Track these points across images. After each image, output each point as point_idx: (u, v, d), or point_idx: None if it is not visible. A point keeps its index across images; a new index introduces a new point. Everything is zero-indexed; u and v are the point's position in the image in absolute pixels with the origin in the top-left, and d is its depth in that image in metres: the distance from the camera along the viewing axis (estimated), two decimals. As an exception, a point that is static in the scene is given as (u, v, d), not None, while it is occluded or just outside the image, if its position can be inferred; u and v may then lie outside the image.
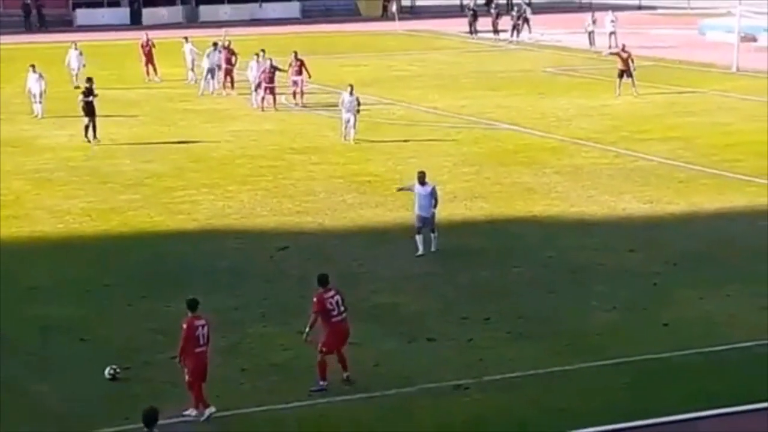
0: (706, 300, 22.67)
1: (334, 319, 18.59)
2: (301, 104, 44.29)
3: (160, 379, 19.06)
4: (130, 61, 54.91)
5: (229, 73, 47.37)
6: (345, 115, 36.91)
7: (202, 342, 17.60)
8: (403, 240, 26.72)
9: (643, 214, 28.83)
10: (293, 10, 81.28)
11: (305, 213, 29.05)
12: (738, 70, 52.66)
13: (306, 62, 45.12)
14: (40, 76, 42.57)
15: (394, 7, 77.27)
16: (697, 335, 20.78)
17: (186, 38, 50.95)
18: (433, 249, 25.47)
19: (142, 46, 51.29)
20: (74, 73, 48.60)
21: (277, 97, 43.46)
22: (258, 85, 43.71)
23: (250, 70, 44.85)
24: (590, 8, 73.71)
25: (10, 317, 21.82)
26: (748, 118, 41.23)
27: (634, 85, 45.85)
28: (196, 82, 49.03)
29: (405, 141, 37.22)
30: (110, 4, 77.68)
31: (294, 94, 44.82)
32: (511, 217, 28.63)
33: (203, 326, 17.66)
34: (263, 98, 43.15)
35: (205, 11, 78.77)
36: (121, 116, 42.40)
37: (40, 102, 42.22)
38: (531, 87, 48.96)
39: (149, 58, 51.04)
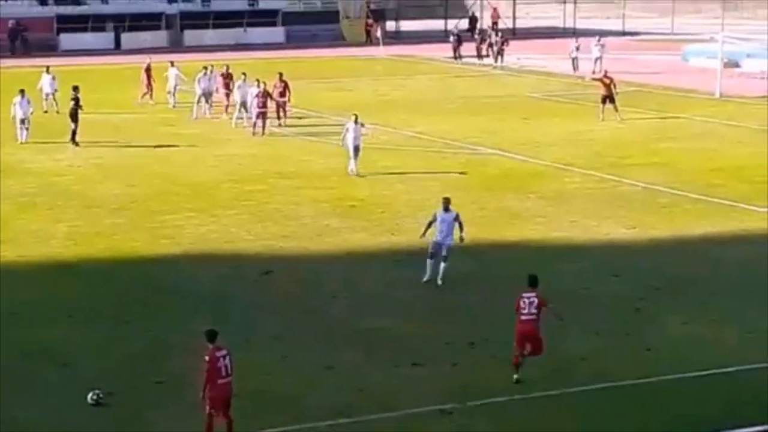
0: (689, 325, 22.74)
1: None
2: (284, 125, 44.46)
3: (143, 404, 19.01)
4: (115, 85, 54.95)
5: (228, 97, 47.47)
6: (353, 145, 35.73)
7: (224, 373, 17.32)
8: (388, 264, 26.78)
9: (627, 239, 28.92)
10: (278, 35, 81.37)
11: (290, 237, 29.06)
12: (721, 95, 52.91)
13: (289, 85, 45.27)
14: (28, 101, 42.56)
15: (378, 33, 77.41)
16: (680, 360, 20.83)
17: (172, 63, 51.02)
18: (439, 281, 25.02)
19: (146, 70, 51.36)
20: (46, 98, 48.46)
21: (264, 121, 43.42)
22: (242, 106, 44.40)
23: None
24: (574, 34, 73.99)
25: (-6, 342, 21.76)
26: (731, 144, 41.45)
27: (617, 110, 46.05)
28: (174, 106, 49.18)
29: (390, 165, 37.27)
30: (94, 29, 77.66)
31: (278, 115, 44.99)
32: (496, 241, 28.68)
33: (225, 357, 17.39)
34: (255, 123, 43.13)
35: (190, 36, 78.78)
36: (105, 140, 42.37)
37: (27, 128, 42.15)
38: (515, 112, 49.11)
39: (149, 82, 51.11)
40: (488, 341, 21.85)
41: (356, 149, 35.93)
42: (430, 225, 25.65)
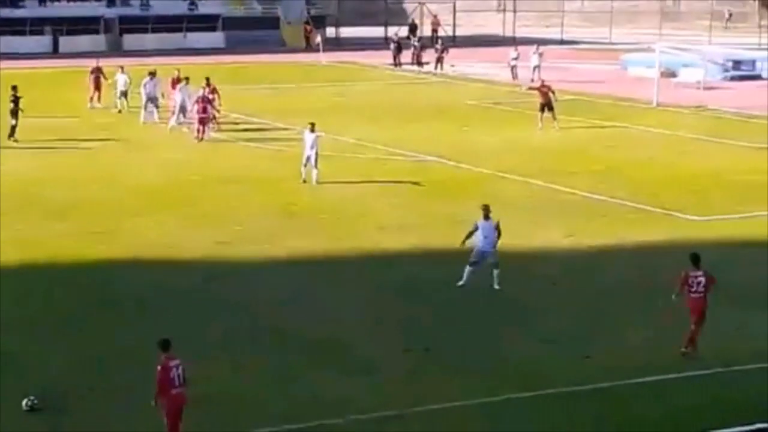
0: (629, 332, 22.97)
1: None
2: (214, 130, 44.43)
3: (77, 410, 18.92)
4: (54, 89, 54.59)
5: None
6: (306, 153, 35.62)
7: (177, 383, 17.22)
8: (331, 269, 26.83)
9: (565, 247, 29.16)
10: (217, 40, 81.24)
11: (231, 243, 29.03)
12: (658, 104, 53.49)
13: (218, 90, 44.95)
14: None
15: (318, 39, 77.46)
16: (618, 367, 21.04)
17: (122, 67, 50.51)
18: (496, 286, 25.24)
19: (92, 71, 51.11)
20: None
21: (205, 126, 43.24)
22: (181, 111, 44.32)
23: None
24: (514, 42, 74.48)
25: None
26: (668, 153, 41.90)
27: (555, 118, 46.42)
28: (121, 111, 48.98)
29: (331, 171, 37.30)
30: (32, 33, 77.08)
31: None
32: (438, 247, 28.78)
33: (177, 366, 17.28)
34: (198, 129, 42.90)
35: (129, 40, 78.46)
36: (47, 144, 42.09)
37: None
38: (455, 119, 49.33)
39: (97, 84, 50.82)
40: (433, 349, 21.94)
41: (312, 158, 35.56)
42: (470, 234, 25.71)
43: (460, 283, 25.35)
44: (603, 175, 37.68)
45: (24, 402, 18.84)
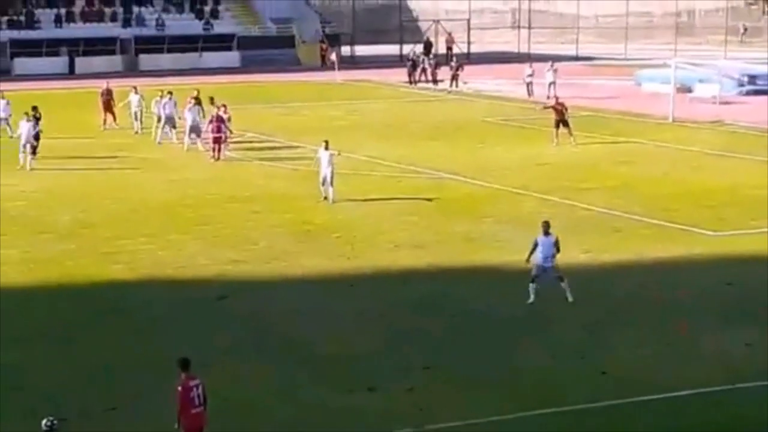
0: (643, 348, 22.82)
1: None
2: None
3: (95, 430, 18.86)
4: (71, 110, 54.69)
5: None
6: (323, 172, 35.48)
7: (197, 403, 17.10)
8: (344, 289, 26.74)
9: (582, 263, 29.01)
10: (233, 59, 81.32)
11: (245, 262, 28.98)
12: (674, 120, 53.30)
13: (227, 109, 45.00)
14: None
15: (333, 57, 77.51)
16: (634, 383, 20.90)
17: (135, 88, 50.55)
18: (569, 299, 25.36)
19: (102, 94, 50.89)
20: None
21: (221, 146, 43.20)
22: (192, 130, 44.35)
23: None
24: (528, 59, 74.41)
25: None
26: (684, 168, 41.72)
27: (571, 134, 46.30)
28: (138, 132, 48.96)
29: (345, 190, 37.24)
30: (48, 54, 77.32)
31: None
32: (452, 265, 28.71)
33: (197, 386, 17.15)
34: (214, 148, 42.89)
35: (145, 60, 78.62)
36: (60, 165, 42.15)
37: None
38: (470, 137, 49.25)
39: (107, 106, 50.63)
40: (444, 365, 21.85)
41: (328, 176, 35.42)
42: (533, 250, 25.77)
43: (529, 300, 25.35)
44: (619, 190, 37.53)
45: (43, 422, 18.73)
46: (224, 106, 44.13)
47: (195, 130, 44.78)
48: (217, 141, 42.84)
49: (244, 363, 21.96)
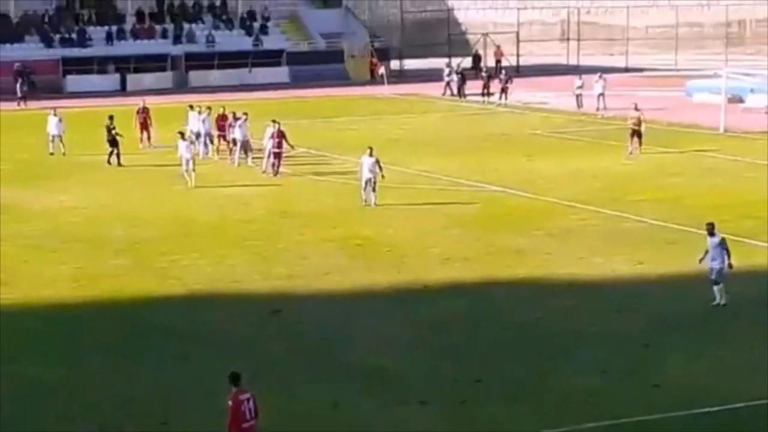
0: (696, 362, 22.67)
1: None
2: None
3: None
4: (120, 127, 54.97)
5: (221, 139, 47.48)
6: (365, 176, 36.80)
7: (249, 416, 17.10)
8: (394, 302, 26.75)
9: (633, 276, 28.88)
10: (282, 75, 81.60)
11: (296, 277, 29.06)
12: (725, 131, 52.93)
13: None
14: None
15: (382, 71, 77.61)
16: (688, 397, 20.76)
17: (191, 106, 50.44)
18: (722, 302, 25.94)
19: (138, 112, 50.86)
20: (52, 139, 48.51)
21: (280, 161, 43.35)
22: (243, 146, 44.47)
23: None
24: (578, 71, 74.16)
25: None
26: (735, 179, 41.43)
27: (640, 145, 46.61)
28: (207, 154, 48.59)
29: (395, 203, 37.30)
30: (100, 71, 77.94)
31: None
32: (501, 279, 28.66)
33: (248, 400, 17.17)
34: (273, 164, 43.05)
35: (195, 77, 79.07)
36: (110, 182, 42.50)
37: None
38: (519, 149, 49.15)
39: (144, 125, 50.66)
40: (495, 379, 21.80)
41: (370, 182, 36.79)
42: (705, 254, 26.42)
43: (722, 302, 25.93)
44: (670, 202, 37.31)
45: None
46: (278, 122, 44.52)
47: (245, 146, 45.00)
48: (277, 156, 43.01)
49: (297, 377, 22.01)
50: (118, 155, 45.50)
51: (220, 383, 20.11)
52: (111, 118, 46.33)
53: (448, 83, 72.14)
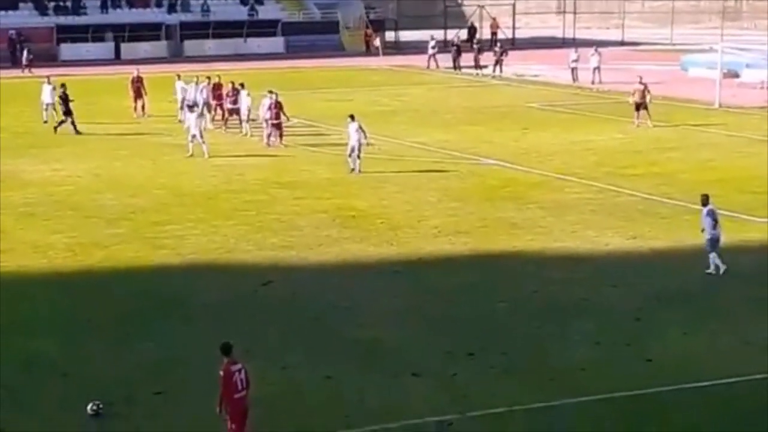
0: (689, 335, 22.72)
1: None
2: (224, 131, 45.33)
3: (140, 415, 19.00)
4: (114, 96, 54.94)
5: (217, 108, 47.50)
6: (352, 143, 37.68)
7: (240, 387, 17.10)
8: (387, 274, 26.77)
9: (626, 250, 28.90)
10: (277, 45, 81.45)
11: (289, 248, 29.05)
12: (720, 106, 52.93)
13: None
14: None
15: (377, 42, 77.43)
16: (681, 371, 20.79)
17: (178, 75, 50.52)
18: (713, 271, 26.48)
19: (133, 81, 50.83)
20: (46, 108, 48.47)
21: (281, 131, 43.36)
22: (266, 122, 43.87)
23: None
24: (573, 44, 74.07)
25: (-7, 352, 21.73)
26: (730, 154, 41.44)
27: (649, 118, 46.97)
28: (181, 121, 48.96)
29: (389, 175, 37.28)
30: (94, 39, 77.74)
31: (225, 120, 46.69)
32: (495, 252, 28.67)
33: (240, 371, 17.16)
34: (270, 134, 43.01)
35: (190, 46, 78.89)
36: (104, 151, 42.44)
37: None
38: (514, 122, 49.14)
39: (138, 94, 50.62)
40: (488, 352, 21.83)
41: (356, 148, 37.50)
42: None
43: (713, 271, 26.39)
44: (664, 177, 37.32)
45: (89, 406, 18.91)
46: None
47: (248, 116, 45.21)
48: (277, 126, 42.96)
49: (288, 348, 22.03)
50: (73, 123, 45.43)
51: (214, 353, 20.18)
52: (64, 86, 46.31)
53: (432, 56, 71.94)
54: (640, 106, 47.15)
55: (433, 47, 72.26)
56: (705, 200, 27.01)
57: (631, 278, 26.54)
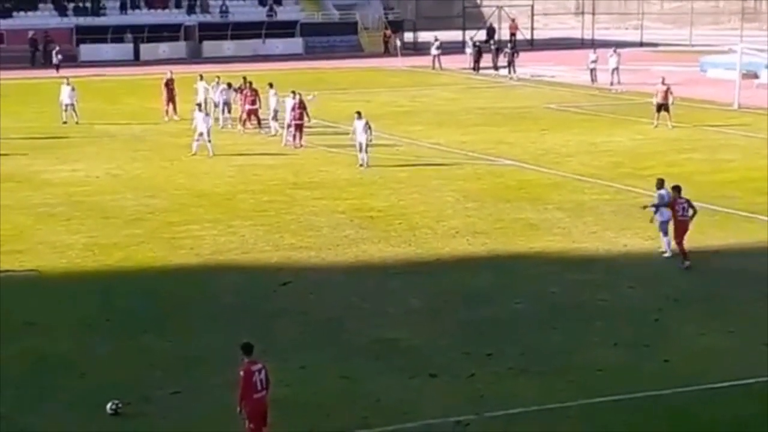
0: (707, 336, 22.67)
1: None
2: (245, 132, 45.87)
3: (158, 415, 19.05)
4: (135, 96, 55.11)
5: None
6: (358, 139, 38.56)
7: (260, 387, 17.08)
8: (406, 274, 26.78)
9: (645, 250, 28.86)
10: (296, 46, 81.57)
11: (308, 248, 29.08)
12: (739, 107, 52.79)
13: (260, 93, 46.00)
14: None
15: (396, 43, 77.47)
16: (698, 372, 20.76)
17: (201, 76, 50.50)
18: (661, 250, 27.77)
19: (166, 83, 50.40)
20: (65, 108, 48.59)
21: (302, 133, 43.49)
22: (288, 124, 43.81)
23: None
24: (592, 45, 73.96)
25: (9, 351, 21.80)
26: (748, 155, 41.33)
27: (670, 119, 46.87)
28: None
29: (408, 176, 37.32)
30: (114, 40, 77.97)
31: (243, 122, 46.92)
32: (513, 252, 28.66)
33: (260, 371, 17.13)
34: (294, 136, 43.08)
35: (209, 47, 79.08)
36: (123, 151, 42.57)
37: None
38: (533, 123, 49.11)
39: (170, 97, 50.33)
40: (505, 352, 21.83)
41: (363, 143, 38.51)
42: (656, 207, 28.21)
43: (661, 249, 27.70)
44: (682, 178, 37.08)
45: (109, 405, 18.97)
46: (254, 88, 45.73)
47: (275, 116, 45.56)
48: (299, 128, 43.04)
49: (307, 348, 22.07)
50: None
51: (232, 353, 20.25)
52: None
53: (436, 57, 71.87)
54: (662, 107, 47.09)
55: (437, 48, 72.23)
56: (660, 184, 28.10)
57: (650, 279, 26.50)
